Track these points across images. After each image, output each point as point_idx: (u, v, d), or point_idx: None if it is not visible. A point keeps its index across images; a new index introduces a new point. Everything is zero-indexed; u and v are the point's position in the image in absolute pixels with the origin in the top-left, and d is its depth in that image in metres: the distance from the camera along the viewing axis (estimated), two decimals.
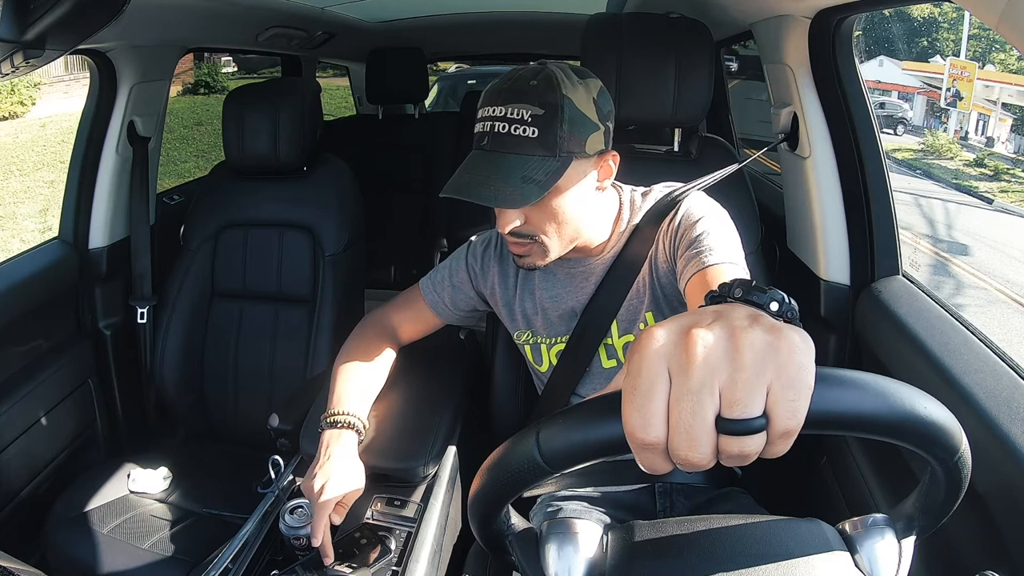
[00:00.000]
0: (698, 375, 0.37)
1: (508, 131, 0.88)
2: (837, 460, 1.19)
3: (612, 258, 1.06)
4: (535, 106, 0.87)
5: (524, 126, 0.87)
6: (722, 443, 0.37)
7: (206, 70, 9.44)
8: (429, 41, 2.76)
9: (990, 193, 6.45)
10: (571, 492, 1.10)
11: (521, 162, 0.88)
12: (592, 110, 0.91)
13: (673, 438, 0.37)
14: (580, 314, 1.08)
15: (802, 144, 1.28)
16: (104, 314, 1.70)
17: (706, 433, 0.37)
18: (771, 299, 0.44)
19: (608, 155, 0.97)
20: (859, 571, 0.53)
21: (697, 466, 0.38)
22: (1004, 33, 0.61)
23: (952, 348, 0.95)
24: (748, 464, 0.38)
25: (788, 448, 0.38)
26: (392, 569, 0.94)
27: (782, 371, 0.37)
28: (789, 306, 0.44)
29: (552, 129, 0.87)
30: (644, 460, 0.39)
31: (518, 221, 0.94)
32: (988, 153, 7.00)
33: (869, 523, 0.56)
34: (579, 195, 0.95)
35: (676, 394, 0.37)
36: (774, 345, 0.37)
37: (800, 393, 0.37)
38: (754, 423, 0.36)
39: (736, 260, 0.88)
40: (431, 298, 1.19)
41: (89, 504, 1.36)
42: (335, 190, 1.63)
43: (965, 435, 0.45)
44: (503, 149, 0.89)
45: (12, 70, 0.97)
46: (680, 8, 1.33)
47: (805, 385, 0.37)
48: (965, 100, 6.94)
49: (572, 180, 0.92)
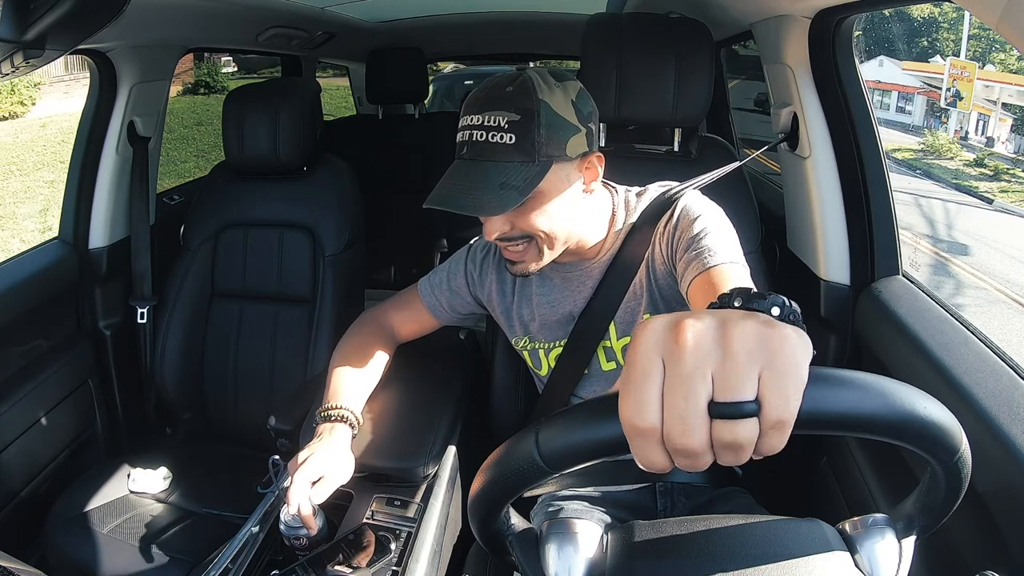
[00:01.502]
0: (689, 361, 0.37)
1: (486, 139, 0.88)
2: (837, 460, 1.19)
3: (608, 260, 1.05)
4: (511, 112, 0.87)
5: (501, 133, 0.87)
6: (715, 430, 0.37)
7: (206, 70, 9.45)
8: (429, 41, 2.76)
9: (990, 193, 6.44)
10: (572, 492, 1.10)
11: (500, 169, 0.88)
12: (571, 112, 0.91)
13: (667, 424, 0.38)
14: (577, 318, 1.07)
15: (802, 144, 1.28)
16: (104, 314, 1.70)
17: (699, 418, 0.37)
18: (772, 304, 0.43)
19: (592, 156, 0.96)
20: (859, 571, 0.53)
21: (692, 454, 0.38)
22: (1004, 33, 0.61)
23: (952, 348, 0.95)
24: (746, 463, 0.38)
25: (783, 444, 0.38)
26: (392, 569, 0.94)
27: (774, 359, 0.37)
28: (791, 310, 0.44)
29: (529, 135, 0.87)
30: (641, 452, 0.39)
31: (504, 228, 0.94)
32: (988, 153, 6.96)
33: (869, 523, 0.56)
34: (565, 199, 0.94)
35: (669, 382, 0.38)
36: (765, 334, 0.38)
37: (791, 381, 0.37)
38: (745, 407, 0.36)
39: (737, 259, 0.87)
40: (429, 300, 1.19)
41: (89, 504, 1.35)
42: (335, 190, 1.63)
43: (965, 435, 0.45)
44: (482, 157, 0.89)
45: (12, 70, 0.97)
46: (680, 8, 1.33)
47: (797, 375, 0.37)
48: (965, 100, 6.92)
49: (554, 184, 0.92)
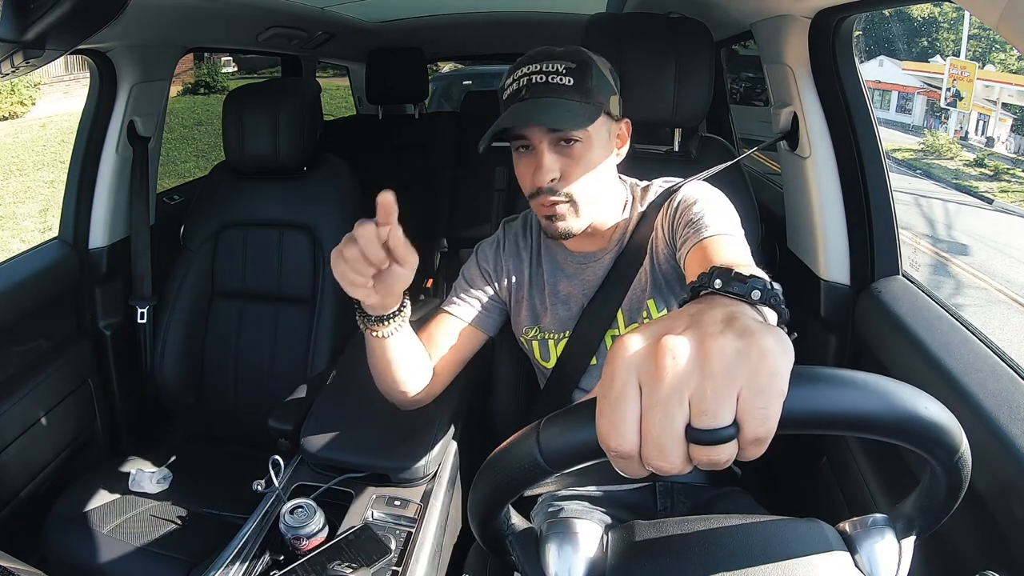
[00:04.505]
0: (667, 386, 0.37)
1: (546, 80, 0.94)
2: (837, 460, 1.19)
3: (619, 249, 1.07)
4: (568, 62, 0.95)
5: (560, 76, 0.94)
6: (692, 452, 0.37)
7: (206, 70, 9.44)
8: (429, 41, 2.76)
9: (990, 193, 6.44)
10: (572, 492, 1.10)
11: (562, 103, 0.93)
12: (611, 76, 1.00)
13: (644, 447, 0.38)
14: (585, 306, 1.08)
15: (802, 144, 1.28)
16: (104, 314, 1.70)
17: (676, 444, 0.37)
18: (752, 288, 0.43)
19: (623, 123, 1.04)
20: (859, 571, 0.53)
21: (670, 473, 0.38)
22: (1004, 33, 0.61)
23: (952, 348, 0.95)
24: (745, 464, 0.38)
25: (763, 451, 0.37)
26: (392, 569, 0.94)
27: (753, 378, 0.37)
28: (771, 292, 0.44)
29: (585, 79, 0.94)
30: (619, 466, 0.40)
31: (554, 171, 0.96)
32: (988, 153, 6.99)
33: (869, 523, 0.56)
34: (604, 153, 0.99)
35: (646, 404, 0.38)
36: (745, 352, 0.37)
37: (770, 400, 0.36)
38: (723, 433, 0.36)
39: (733, 232, 0.90)
40: (461, 311, 1.10)
41: (89, 504, 1.36)
42: (335, 190, 1.64)
43: (965, 435, 0.45)
44: (541, 95, 0.93)
45: (12, 70, 0.97)
46: (680, 8, 1.33)
47: (776, 392, 0.37)
48: (965, 100, 6.93)
49: (600, 133, 0.98)
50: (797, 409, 0.38)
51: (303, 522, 0.96)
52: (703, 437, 0.36)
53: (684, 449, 0.37)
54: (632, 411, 0.38)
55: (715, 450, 0.37)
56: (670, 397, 0.37)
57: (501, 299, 1.15)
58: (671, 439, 0.37)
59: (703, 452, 0.37)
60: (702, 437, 0.36)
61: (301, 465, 1.16)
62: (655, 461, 0.38)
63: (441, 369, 1.06)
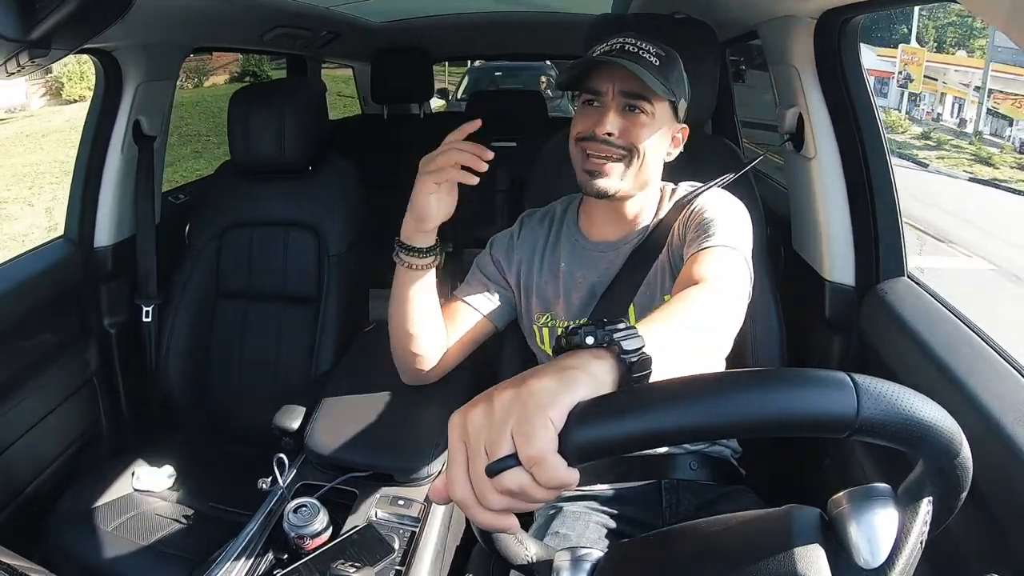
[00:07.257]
0: (472, 442, 0.45)
1: (638, 51, 0.97)
2: (839, 460, 1.18)
3: (638, 242, 1.08)
4: (660, 47, 0.99)
5: (650, 54, 0.97)
6: (496, 486, 0.43)
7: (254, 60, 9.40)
8: (434, 41, 2.76)
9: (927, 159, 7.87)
10: (577, 491, 1.10)
11: (646, 73, 0.94)
12: (688, 84, 1.04)
13: (476, 494, 0.45)
14: (600, 297, 1.08)
15: (807, 145, 1.28)
16: (109, 313, 1.71)
17: (485, 484, 0.44)
18: (586, 335, 0.50)
19: (684, 128, 1.06)
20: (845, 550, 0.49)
21: (496, 509, 0.44)
22: (1010, 33, 0.60)
23: (957, 349, 0.95)
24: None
25: (556, 474, 0.42)
26: (396, 569, 0.95)
27: (521, 412, 0.44)
28: (606, 334, 0.50)
29: (670, 68, 0.98)
30: (468, 515, 0.46)
31: (616, 126, 0.98)
32: (933, 128, 8.53)
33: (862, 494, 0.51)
34: (662, 140, 1.02)
35: (470, 460, 0.45)
36: (516, 396, 0.45)
37: (533, 424, 0.42)
38: (504, 462, 0.43)
39: (731, 244, 0.91)
40: (473, 299, 1.13)
41: (93, 502, 1.36)
42: (340, 190, 1.64)
43: (964, 435, 0.44)
44: (628, 58, 0.95)
45: (18, 69, 0.97)
46: (685, 8, 1.32)
47: (538, 416, 0.43)
48: (916, 82, 8.54)
49: (664, 118, 1.01)
50: (586, 436, 0.42)
51: (307, 521, 0.96)
52: (493, 468, 0.43)
53: (491, 486, 0.43)
54: (462, 468, 0.45)
55: (501, 478, 0.43)
56: (476, 449, 0.45)
57: (511, 291, 1.16)
58: (481, 481, 0.44)
59: (499, 482, 0.43)
60: (492, 469, 0.43)
61: (305, 464, 1.16)
62: (482, 502, 0.44)
63: (450, 351, 1.11)
